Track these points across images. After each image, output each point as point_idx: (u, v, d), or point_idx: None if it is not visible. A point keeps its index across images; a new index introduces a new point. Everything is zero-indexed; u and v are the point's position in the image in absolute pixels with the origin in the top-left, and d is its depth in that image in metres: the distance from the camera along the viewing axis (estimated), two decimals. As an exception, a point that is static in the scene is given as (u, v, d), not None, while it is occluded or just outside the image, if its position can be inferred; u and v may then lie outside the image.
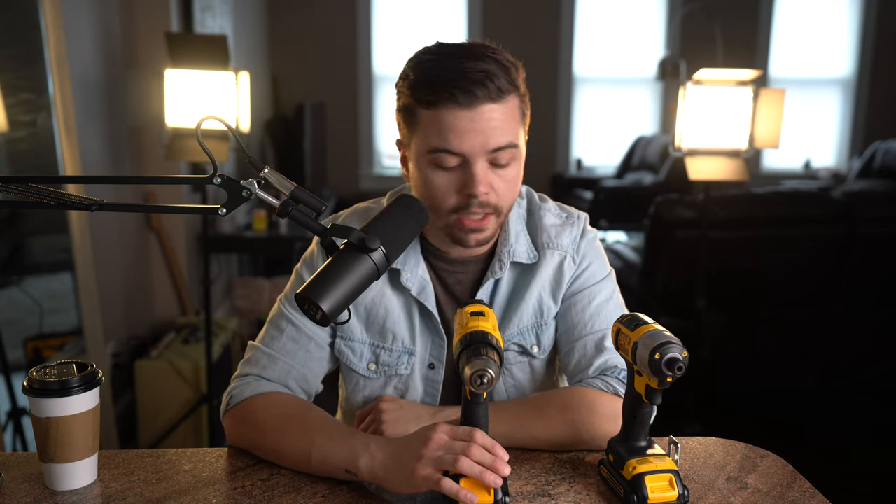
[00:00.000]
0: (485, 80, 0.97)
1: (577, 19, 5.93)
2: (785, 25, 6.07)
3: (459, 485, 0.84)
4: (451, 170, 1.01)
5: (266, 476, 0.97)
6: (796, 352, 3.09)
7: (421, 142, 1.02)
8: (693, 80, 2.40)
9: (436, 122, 0.99)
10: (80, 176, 2.24)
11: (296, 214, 0.84)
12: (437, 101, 0.98)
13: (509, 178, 1.03)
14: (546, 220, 1.16)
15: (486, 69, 0.97)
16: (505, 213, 1.07)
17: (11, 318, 2.34)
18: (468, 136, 0.98)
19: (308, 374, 1.11)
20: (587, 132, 6.14)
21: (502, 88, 0.98)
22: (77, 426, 0.91)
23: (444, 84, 0.97)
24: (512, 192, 1.05)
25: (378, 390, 1.15)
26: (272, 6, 5.57)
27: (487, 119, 0.98)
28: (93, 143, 2.64)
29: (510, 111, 1.01)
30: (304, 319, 1.10)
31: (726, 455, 1.03)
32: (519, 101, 1.03)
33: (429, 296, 1.11)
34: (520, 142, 1.04)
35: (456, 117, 0.98)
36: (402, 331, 1.12)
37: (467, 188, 1.00)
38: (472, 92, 0.97)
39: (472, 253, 1.13)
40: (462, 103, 0.97)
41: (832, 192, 3.22)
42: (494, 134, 0.99)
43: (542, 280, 1.13)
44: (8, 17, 2.31)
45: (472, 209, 1.02)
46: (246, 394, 1.06)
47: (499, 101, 0.99)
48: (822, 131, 6.29)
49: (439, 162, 1.01)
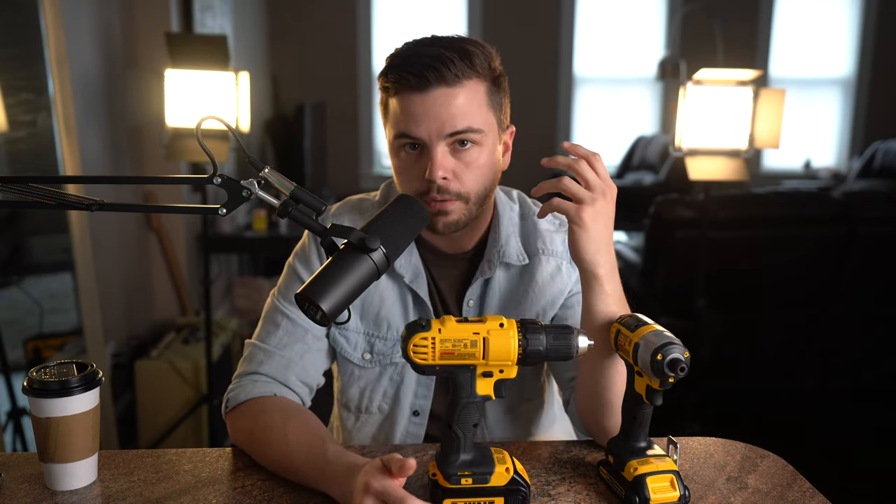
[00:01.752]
0: (436, 65, 0.98)
1: (577, 19, 5.92)
2: (785, 25, 6.06)
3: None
4: (415, 155, 1.03)
5: (266, 476, 0.97)
6: (796, 352, 3.09)
7: (390, 129, 1.05)
8: (693, 80, 2.40)
9: (396, 108, 1.02)
10: (80, 176, 2.24)
11: (296, 214, 0.84)
12: (393, 87, 1.01)
13: (474, 164, 1.03)
14: (541, 225, 1.17)
15: (440, 54, 0.98)
16: (474, 201, 1.05)
17: (11, 318, 2.34)
18: (423, 121, 0.99)
19: (307, 366, 1.11)
20: (587, 132, 6.14)
21: (458, 74, 0.99)
22: (77, 426, 0.91)
23: (399, 69, 0.99)
24: (478, 180, 1.04)
25: (373, 381, 1.15)
26: (272, 6, 5.56)
27: (441, 104, 0.99)
28: (93, 143, 2.64)
29: (471, 96, 1.01)
30: (298, 312, 1.10)
31: (726, 455, 1.03)
32: (486, 87, 1.03)
33: (421, 283, 1.12)
34: (486, 127, 1.03)
35: (410, 102, 1.00)
36: (397, 319, 1.13)
37: (426, 173, 1.01)
38: (423, 76, 0.98)
39: (461, 248, 1.13)
40: (414, 87, 0.99)
41: (832, 192, 3.22)
42: (451, 118, 0.99)
43: (540, 285, 1.14)
44: (8, 17, 2.31)
45: (432, 194, 1.02)
46: (241, 397, 1.06)
47: (454, 86, 0.99)
48: (822, 131, 6.28)
49: (403, 147, 1.03)
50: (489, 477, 0.86)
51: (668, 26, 5.92)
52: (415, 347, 0.84)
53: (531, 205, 1.20)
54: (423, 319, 0.85)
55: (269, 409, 1.04)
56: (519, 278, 1.15)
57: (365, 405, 1.17)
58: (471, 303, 1.13)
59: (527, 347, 0.85)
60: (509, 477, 0.86)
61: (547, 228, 1.17)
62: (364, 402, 1.17)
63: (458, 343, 0.84)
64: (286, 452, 0.96)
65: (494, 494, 0.86)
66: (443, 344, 0.84)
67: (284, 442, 0.97)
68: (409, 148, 1.03)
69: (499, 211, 1.15)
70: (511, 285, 1.15)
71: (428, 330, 0.84)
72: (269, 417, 1.03)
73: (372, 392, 1.16)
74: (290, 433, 0.98)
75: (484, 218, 1.13)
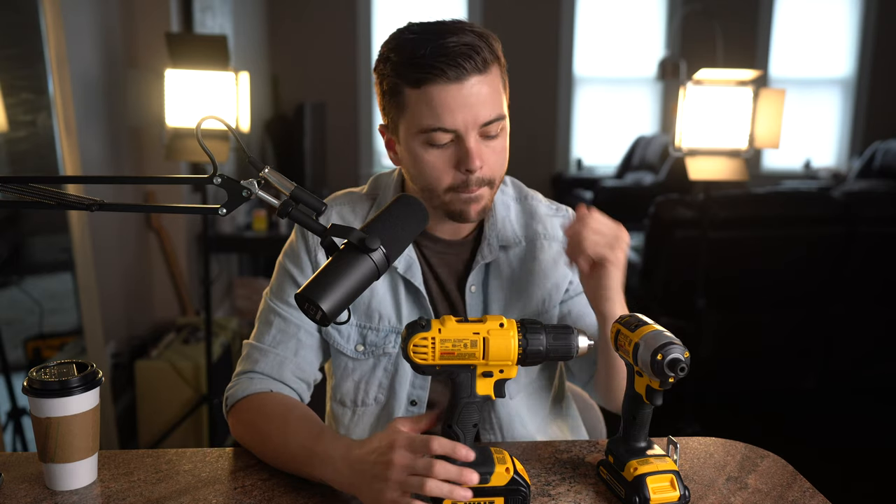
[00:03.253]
0: (470, 53, 0.97)
1: (577, 19, 5.93)
2: (785, 25, 6.07)
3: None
4: (444, 147, 1.02)
5: (266, 476, 0.97)
6: (796, 352, 3.09)
7: (410, 122, 1.02)
8: (693, 80, 2.40)
9: (425, 100, 0.99)
10: (80, 176, 2.24)
11: (296, 214, 0.84)
12: (424, 78, 0.98)
13: (499, 149, 1.04)
14: (539, 210, 1.18)
15: (469, 41, 0.98)
16: (497, 185, 1.07)
17: (11, 318, 2.34)
18: (459, 112, 0.98)
19: (302, 362, 1.12)
20: (587, 132, 6.14)
21: (487, 59, 0.99)
22: (77, 426, 0.91)
23: (431, 60, 0.97)
24: (502, 164, 1.06)
25: (368, 373, 1.15)
26: (272, 6, 5.56)
27: (476, 93, 0.99)
28: (93, 143, 2.64)
29: (494, 82, 1.01)
30: (290, 310, 1.12)
31: (726, 455, 1.03)
32: (500, 71, 1.04)
33: (415, 273, 1.12)
34: (505, 112, 1.04)
35: (445, 93, 0.98)
36: (388, 310, 1.13)
37: (463, 164, 1.01)
38: (460, 66, 0.97)
39: (458, 234, 1.14)
40: (451, 78, 0.97)
41: (832, 192, 3.22)
42: (484, 107, 0.99)
43: (543, 268, 1.15)
44: (8, 17, 2.31)
45: (470, 186, 1.02)
46: (239, 394, 1.08)
47: (485, 73, 0.99)
48: (822, 131, 6.29)
49: (432, 140, 1.01)
50: (489, 477, 0.86)
51: (668, 26, 5.92)
52: (415, 347, 0.84)
53: (526, 189, 1.21)
54: (423, 319, 0.85)
55: (267, 404, 1.05)
56: (521, 262, 1.15)
57: (361, 398, 1.17)
58: (473, 288, 1.13)
59: (527, 347, 0.85)
60: (509, 477, 0.86)
61: (545, 213, 1.18)
62: (360, 395, 1.16)
63: (458, 343, 0.84)
64: (284, 443, 0.97)
65: (494, 494, 0.86)
66: (443, 344, 0.84)
67: (283, 433, 0.98)
68: (438, 140, 1.00)
69: None
70: (513, 269, 1.15)
71: (428, 330, 0.84)
72: (268, 410, 1.03)
73: (367, 384, 1.16)
74: (288, 425, 0.99)
75: None
